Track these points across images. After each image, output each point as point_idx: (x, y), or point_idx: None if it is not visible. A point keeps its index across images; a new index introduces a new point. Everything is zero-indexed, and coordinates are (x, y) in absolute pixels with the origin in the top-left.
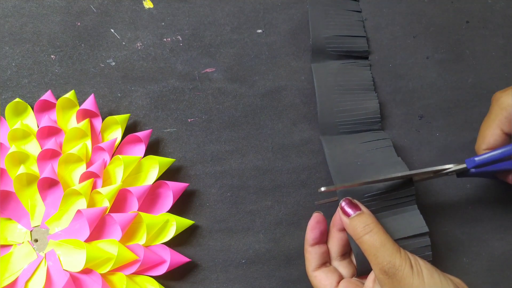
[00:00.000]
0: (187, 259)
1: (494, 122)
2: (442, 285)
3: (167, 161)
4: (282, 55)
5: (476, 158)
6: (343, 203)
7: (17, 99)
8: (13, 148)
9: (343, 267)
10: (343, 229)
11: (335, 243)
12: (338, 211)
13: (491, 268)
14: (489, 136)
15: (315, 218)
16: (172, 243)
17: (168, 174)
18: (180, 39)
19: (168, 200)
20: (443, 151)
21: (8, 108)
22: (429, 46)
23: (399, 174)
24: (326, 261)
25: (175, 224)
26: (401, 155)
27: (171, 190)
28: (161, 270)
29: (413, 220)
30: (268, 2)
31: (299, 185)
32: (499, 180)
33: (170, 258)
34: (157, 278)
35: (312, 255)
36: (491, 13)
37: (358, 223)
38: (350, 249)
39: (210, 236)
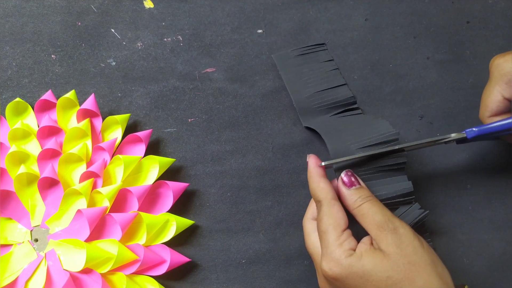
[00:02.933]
0: (187, 259)
1: (494, 89)
2: (439, 261)
3: (167, 161)
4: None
5: (475, 128)
6: (343, 175)
7: (18, 99)
8: (13, 148)
9: None
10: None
11: None
12: (338, 182)
13: (491, 269)
14: (491, 103)
15: (313, 157)
16: (172, 243)
17: (168, 174)
18: (181, 39)
19: (168, 200)
20: (444, 151)
21: (9, 108)
22: (429, 47)
23: (397, 147)
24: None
25: (175, 224)
26: None
27: (171, 190)
28: (161, 270)
29: (399, 182)
30: (268, 2)
31: (299, 185)
32: (501, 141)
33: (170, 258)
34: (157, 278)
35: (328, 184)
36: (492, 13)
37: (357, 193)
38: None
39: (210, 236)
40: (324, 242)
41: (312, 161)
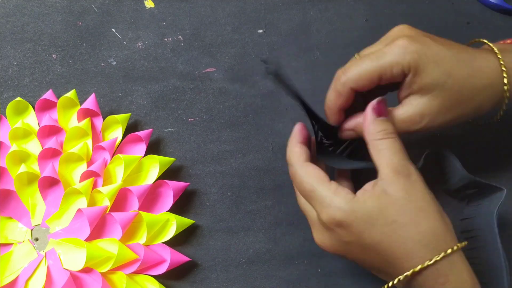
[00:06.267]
0: (187, 259)
1: (379, 64)
2: (445, 214)
3: (167, 161)
4: (283, 55)
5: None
6: (375, 101)
7: (18, 98)
8: (14, 147)
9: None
10: None
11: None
12: (368, 107)
13: None
14: (365, 75)
15: (301, 124)
16: (172, 243)
17: (169, 174)
18: (181, 38)
19: (168, 200)
20: None
21: (9, 107)
22: None
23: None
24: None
25: (175, 224)
26: None
27: (172, 190)
28: (161, 269)
29: None
30: (269, 2)
31: None
32: (502, 141)
33: (170, 258)
34: (157, 277)
35: (303, 149)
36: (492, 14)
37: (382, 125)
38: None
39: (210, 235)
40: (317, 199)
41: (297, 127)
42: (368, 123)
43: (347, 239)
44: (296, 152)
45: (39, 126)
